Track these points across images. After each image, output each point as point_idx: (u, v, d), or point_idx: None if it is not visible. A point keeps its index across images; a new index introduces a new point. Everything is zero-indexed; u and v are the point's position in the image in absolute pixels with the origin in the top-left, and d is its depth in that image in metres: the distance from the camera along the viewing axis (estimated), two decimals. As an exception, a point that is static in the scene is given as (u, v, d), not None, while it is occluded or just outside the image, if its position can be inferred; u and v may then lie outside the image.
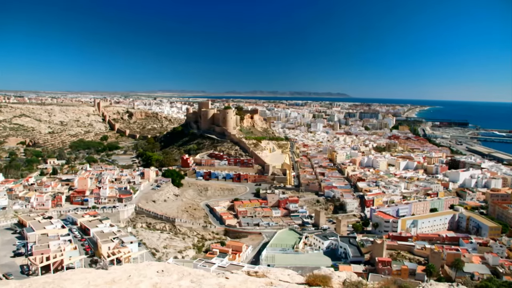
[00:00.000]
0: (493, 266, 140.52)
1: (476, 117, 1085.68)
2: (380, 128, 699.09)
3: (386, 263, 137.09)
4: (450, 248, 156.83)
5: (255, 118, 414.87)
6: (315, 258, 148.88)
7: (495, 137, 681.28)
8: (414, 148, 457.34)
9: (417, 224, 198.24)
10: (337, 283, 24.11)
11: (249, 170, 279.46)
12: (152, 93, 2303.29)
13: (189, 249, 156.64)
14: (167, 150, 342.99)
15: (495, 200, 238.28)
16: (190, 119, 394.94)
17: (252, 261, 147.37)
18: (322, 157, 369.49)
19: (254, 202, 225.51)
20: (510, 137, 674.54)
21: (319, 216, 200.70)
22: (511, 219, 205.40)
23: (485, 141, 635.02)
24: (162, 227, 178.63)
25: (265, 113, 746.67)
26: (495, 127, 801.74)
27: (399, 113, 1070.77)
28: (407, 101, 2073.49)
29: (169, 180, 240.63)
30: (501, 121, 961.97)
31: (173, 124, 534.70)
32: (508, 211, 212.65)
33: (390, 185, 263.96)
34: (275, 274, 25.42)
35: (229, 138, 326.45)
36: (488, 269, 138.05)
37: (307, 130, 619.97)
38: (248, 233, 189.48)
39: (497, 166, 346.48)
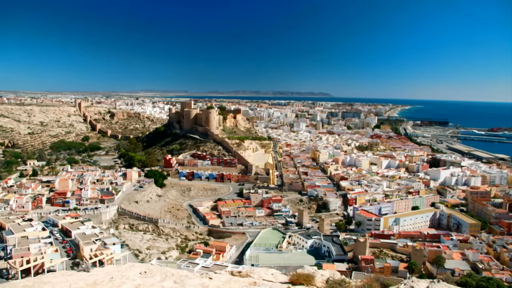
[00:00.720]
0: (473, 262, 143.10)
1: (456, 116, 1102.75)
2: (362, 127, 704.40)
3: (369, 261, 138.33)
4: (432, 245, 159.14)
5: (238, 118, 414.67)
6: (298, 257, 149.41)
7: (474, 135, 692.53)
8: (395, 147, 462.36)
9: (399, 222, 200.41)
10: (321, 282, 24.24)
11: (232, 170, 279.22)
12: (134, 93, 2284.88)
13: (172, 249, 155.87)
14: (150, 151, 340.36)
15: (474, 197, 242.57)
16: (173, 119, 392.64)
17: (236, 261, 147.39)
18: (305, 157, 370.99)
19: (237, 202, 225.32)
20: (489, 136, 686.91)
21: (303, 215, 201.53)
22: (490, 216, 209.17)
23: (465, 139, 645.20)
24: (145, 228, 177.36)
25: (248, 113, 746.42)
26: (475, 126, 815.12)
27: (381, 113, 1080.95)
28: (388, 100, 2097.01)
29: (151, 181, 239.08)
30: (480, 120, 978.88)
31: (156, 124, 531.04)
32: (487, 208, 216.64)
33: (373, 183, 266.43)
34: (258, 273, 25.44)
35: (212, 138, 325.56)
36: (468, 265, 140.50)
37: (290, 129, 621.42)
38: (232, 233, 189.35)
39: (477, 164, 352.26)
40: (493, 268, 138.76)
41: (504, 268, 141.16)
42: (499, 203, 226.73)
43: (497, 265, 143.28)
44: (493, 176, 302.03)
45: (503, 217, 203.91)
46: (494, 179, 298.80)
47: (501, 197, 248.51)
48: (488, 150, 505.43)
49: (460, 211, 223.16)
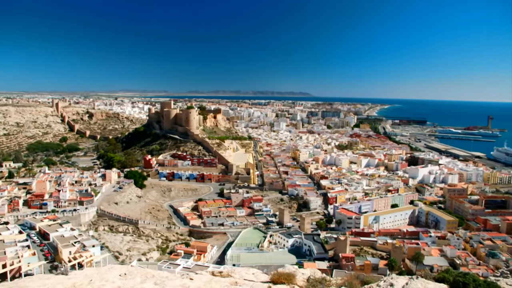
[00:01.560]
0: (451, 258, 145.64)
1: (434, 115, 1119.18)
2: (342, 126, 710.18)
3: (349, 259, 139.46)
4: (411, 242, 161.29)
5: (218, 118, 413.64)
6: (280, 256, 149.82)
7: (451, 134, 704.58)
8: (375, 145, 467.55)
9: (379, 220, 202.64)
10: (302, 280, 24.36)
11: (212, 170, 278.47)
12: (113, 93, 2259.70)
13: (153, 251, 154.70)
14: (129, 151, 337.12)
15: (452, 194, 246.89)
16: (153, 119, 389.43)
17: (218, 261, 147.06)
18: (285, 156, 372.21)
19: (218, 202, 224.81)
20: (466, 134, 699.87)
21: (283, 215, 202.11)
22: (467, 213, 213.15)
23: (442, 138, 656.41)
24: (125, 230, 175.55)
25: (228, 112, 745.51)
26: (452, 124, 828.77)
27: (360, 112, 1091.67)
28: (367, 99, 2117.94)
29: (131, 182, 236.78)
30: (457, 119, 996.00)
31: (135, 124, 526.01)
32: (464, 205, 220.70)
33: (352, 182, 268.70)
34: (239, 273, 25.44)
35: (192, 138, 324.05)
36: (446, 261, 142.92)
37: (270, 129, 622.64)
38: (213, 233, 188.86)
39: (454, 162, 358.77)
40: (470, 263, 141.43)
41: (481, 263, 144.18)
42: (476, 200, 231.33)
43: (474, 260, 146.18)
44: (469, 173, 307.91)
45: (479, 214, 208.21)
46: (470, 176, 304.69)
47: (477, 194, 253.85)
48: (465, 148, 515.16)
49: (438, 208, 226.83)
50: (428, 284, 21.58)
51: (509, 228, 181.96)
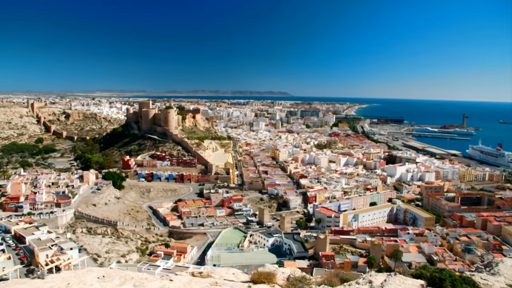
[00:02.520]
0: (428, 255, 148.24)
1: (411, 114, 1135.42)
2: (321, 125, 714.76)
3: (329, 257, 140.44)
4: (389, 240, 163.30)
5: (197, 118, 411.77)
6: (260, 256, 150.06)
7: (428, 132, 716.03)
8: (353, 144, 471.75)
9: (358, 218, 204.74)
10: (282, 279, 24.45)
11: (192, 170, 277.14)
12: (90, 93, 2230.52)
13: (132, 252, 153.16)
14: (107, 152, 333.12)
15: (429, 192, 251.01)
16: (131, 119, 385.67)
17: (198, 262, 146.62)
18: (265, 156, 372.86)
19: (198, 202, 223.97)
20: (442, 133, 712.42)
21: (263, 214, 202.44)
22: (443, 210, 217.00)
23: (419, 136, 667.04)
24: (104, 231, 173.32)
25: (207, 112, 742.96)
26: (428, 123, 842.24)
27: (339, 111, 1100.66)
28: (346, 99, 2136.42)
29: (109, 183, 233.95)
30: (433, 118, 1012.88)
31: (113, 125, 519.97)
32: (441, 202, 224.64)
33: (332, 181, 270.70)
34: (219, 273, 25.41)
35: (171, 138, 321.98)
36: (424, 258, 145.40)
37: (249, 129, 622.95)
38: (193, 233, 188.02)
39: (430, 160, 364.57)
40: (447, 259, 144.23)
41: (457, 258, 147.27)
42: (452, 197, 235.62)
43: (451, 256, 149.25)
44: (446, 171, 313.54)
45: (456, 211, 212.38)
46: (447, 174, 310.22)
47: (454, 191, 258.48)
48: (441, 146, 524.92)
49: (415, 206, 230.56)
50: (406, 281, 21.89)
51: (484, 224, 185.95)
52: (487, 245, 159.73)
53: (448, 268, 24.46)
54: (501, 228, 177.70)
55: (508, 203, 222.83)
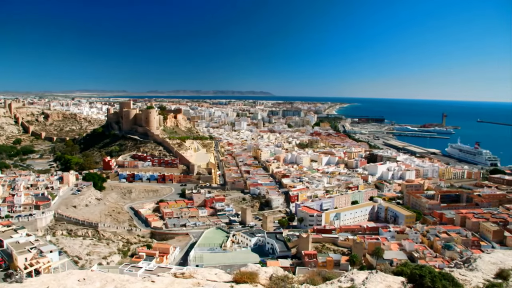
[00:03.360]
0: (409, 252, 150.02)
1: (391, 113, 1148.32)
2: (302, 125, 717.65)
3: (312, 256, 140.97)
4: (371, 238, 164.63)
5: (178, 118, 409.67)
6: (243, 256, 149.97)
7: (408, 131, 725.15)
8: (335, 143, 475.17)
9: (340, 216, 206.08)
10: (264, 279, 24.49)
11: (174, 171, 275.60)
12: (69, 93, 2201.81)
13: (114, 254, 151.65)
14: (88, 153, 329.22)
15: (409, 190, 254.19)
16: (111, 119, 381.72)
17: (180, 263, 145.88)
18: (246, 155, 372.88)
19: (180, 202, 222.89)
20: (422, 132, 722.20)
21: (246, 214, 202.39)
22: (424, 207, 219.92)
23: (400, 135, 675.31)
24: (85, 233, 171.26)
25: (189, 112, 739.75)
26: (408, 122, 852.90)
27: (320, 111, 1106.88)
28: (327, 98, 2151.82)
29: (90, 184, 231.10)
30: (413, 117, 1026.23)
31: (93, 125, 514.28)
32: (421, 200, 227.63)
33: (314, 180, 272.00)
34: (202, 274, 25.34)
35: (152, 138, 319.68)
36: (405, 255, 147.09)
37: (231, 128, 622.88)
38: (175, 234, 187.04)
39: (411, 159, 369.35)
40: (427, 256, 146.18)
41: (437, 255, 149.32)
42: (432, 195, 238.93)
43: (431, 253, 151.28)
44: (425, 169, 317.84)
45: (435, 208, 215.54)
46: (426, 172, 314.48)
47: (433, 189, 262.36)
48: (421, 145, 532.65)
49: (396, 204, 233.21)
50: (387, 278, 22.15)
51: (462, 221, 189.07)
52: (466, 242, 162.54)
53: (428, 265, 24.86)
54: (479, 224, 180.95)
55: (486, 200, 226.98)
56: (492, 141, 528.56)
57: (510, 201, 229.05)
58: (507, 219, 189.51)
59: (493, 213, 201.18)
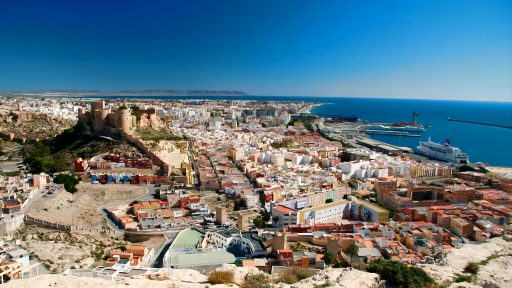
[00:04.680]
0: (383, 248, 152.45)
1: (364, 112, 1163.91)
2: (276, 124, 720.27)
3: (287, 255, 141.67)
4: (345, 235, 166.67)
5: (152, 118, 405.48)
6: (218, 256, 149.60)
7: (380, 130, 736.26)
8: (309, 143, 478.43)
9: (315, 215, 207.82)
10: (239, 279, 24.49)
11: (147, 171, 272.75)
12: (39, 93, 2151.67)
13: (87, 257, 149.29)
14: (59, 154, 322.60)
15: (382, 188, 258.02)
16: (83, 120, 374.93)
17: (155, 264, 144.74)
18: (221, 155, 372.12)
19: (154, 203, 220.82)
20: (394, 130, 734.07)
21: (221, 214, 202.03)
22: (396, 205, 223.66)
23: (372, 134, 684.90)
24: (56, 237, 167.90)
25: (162, 112, 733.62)
26: (381, 121, 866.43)
27: (294, 110, 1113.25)
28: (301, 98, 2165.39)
29: (62, 186, 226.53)
30: (385, 116, 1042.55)
31: (64, 126, 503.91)
32: (394, 197, 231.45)
33: (288, 179, 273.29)
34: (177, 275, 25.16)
35: (125, 139, 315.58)
36: (379, 252, 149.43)
37: (205, 128, 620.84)
38: (150, 235, 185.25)
39: (383, 157, 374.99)
40: (400, 252, 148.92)
41: (410, 251, 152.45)
42: (404, 192, 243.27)
43: (404, 249, 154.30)
44: (398, 167, 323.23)
45: (408, 205, 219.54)
46: (399, 170, 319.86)
47: (406, 187, 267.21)
48: (393, 143, 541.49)
49: (370, 202, 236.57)
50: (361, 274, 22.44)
51: (434, 217, 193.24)
52: (437, 237, 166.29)
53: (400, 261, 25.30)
54: (450, 220, 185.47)
55: (456, 196, 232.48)
56: (461, 139, 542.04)
57: (479, 197, 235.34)
58: (476, 215, 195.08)
59: (462, 209, 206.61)
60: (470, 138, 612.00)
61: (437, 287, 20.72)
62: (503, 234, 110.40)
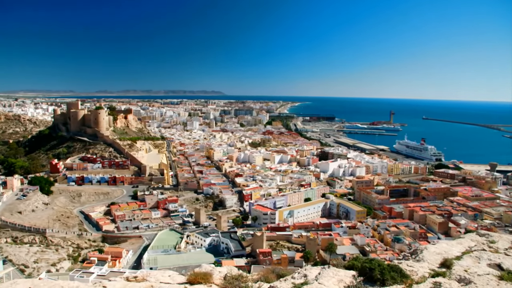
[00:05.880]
0: (361, 246, 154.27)
1: (341, 112, 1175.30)
2: (254, 124, 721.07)
3: (266, 254, 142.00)
4: (324, 234, 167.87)
5: (129, 118, 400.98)
6: (198, 256, 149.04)
7: (358, 129, 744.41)
8: (287, 142, 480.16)
9: (293, 214, 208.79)
10: (218, 279, 24.44)
11: (125, 172, 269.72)
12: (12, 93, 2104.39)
13: (63, 260, 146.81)
14: (33, 156, 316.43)
15: (360, 186, 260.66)
16: (58, 121, 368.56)
17: (134, 266, 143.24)
18: (199, 155, 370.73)
19: (132, 204, 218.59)
20: (371, 129, 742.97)
21: (199, 214, 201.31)
22: (374, 203, 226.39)
23: (350, 133, 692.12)
24: (31, 240, 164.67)
25: (140, 112, 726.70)
26: (358, 120, 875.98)
27: (272, 109, 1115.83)
28: (279, 97, 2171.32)
29: (36, 188, 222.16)
30: (362, 115, 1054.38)
31: (39, 127, 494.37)
32: (371, 195, 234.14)
33: (267, 178, 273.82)
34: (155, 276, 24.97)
35: (102, 139, 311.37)
36: (357, 249, 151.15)
37: (183, 128, 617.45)
38: (128, 237, 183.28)
39: (361, 156, 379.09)
40: (378, 249, 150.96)
41: (387, 248, 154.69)
42: (381, 190, 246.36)
43: (382, 246, 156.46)
44: (375, 166, 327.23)
45: (385, 203, 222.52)
46: (376, 168, 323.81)
47: (383, 185, 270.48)
48: (370, 142, 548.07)
49: (348, 200, 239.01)
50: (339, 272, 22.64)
51: (411, 215, 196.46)
52: (414, 234, 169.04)
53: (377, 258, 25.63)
54: (426, 217, 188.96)
55: (431, 193, 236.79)
56: (437, 137, 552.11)
57: (454, 194, 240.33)
58: (451, 211, 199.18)
59: (438, 205, 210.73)
60: (445, 137, 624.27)
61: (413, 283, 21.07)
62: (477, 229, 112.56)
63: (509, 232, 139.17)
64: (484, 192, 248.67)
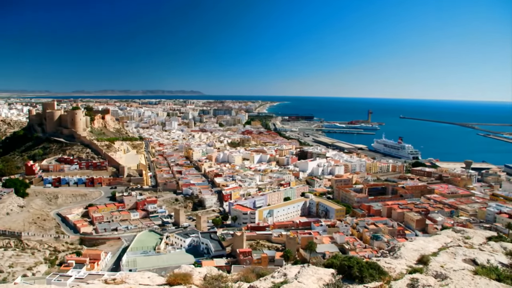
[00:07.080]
0: (340, 244, 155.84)
1: (320, 111, 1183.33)
2: (234, 124, 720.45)
3: (246, 254, 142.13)
4: (304, 233, 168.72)
5: (106, 119, 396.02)
6: (177, 257, 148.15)
7: (336, 128, 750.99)
8: (266, 141, 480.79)
9: (273, 213, 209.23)
10: (198, 279, 24.38)
11: (103, 173, 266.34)
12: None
13: (40, 264, 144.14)
14: (8, 157, 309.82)
15: (339, 185, 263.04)
16: (34, 121, 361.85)
17: (113, 268, 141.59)
18: (178, 156, 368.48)
19: (110, 206, 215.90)
20: (349, 128, 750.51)
21: (179, 215, 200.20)
22: (353, 201, 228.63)
23: (329, 132, 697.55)
24: (6, 244, 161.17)
25: (118, 113, 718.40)
26: (336, 119, 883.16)
27: (251, 109, 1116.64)
28: (258, 97, 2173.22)
29: (11, 191, 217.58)
30: (341, 114, 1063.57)
31: (14, 128, 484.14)
32: (350, 194, 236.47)
33: (246, 178, 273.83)
34: (134, 278, 24.76)
35: (79, 140, 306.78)
36: (336, 247, 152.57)
37: (162, 129, 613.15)
38: (106, 239, 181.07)
39: (339, 155, 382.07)
40: (357, 247, 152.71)
41: (366, 246, 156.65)
42: (360, 189, 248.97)
43: (361, 244, 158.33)
44: (353, 164, 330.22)
45: (364, 201, 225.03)
46: (354, 167, 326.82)
47: (361, 183, 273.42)
48: (349, 141, 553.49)
49: (327, 199, 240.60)
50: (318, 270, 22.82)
51: (389, 212, 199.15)
52: (392, 231, 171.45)
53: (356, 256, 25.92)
54: (404, 214, 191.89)
55: (409, 191, 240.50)
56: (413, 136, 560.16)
57: (431, 191, 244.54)
58: (428, 208, 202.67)
59: (415, 203, 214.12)
60: (422, 135, 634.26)
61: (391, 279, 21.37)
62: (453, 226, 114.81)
63: (483, 228, 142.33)
64: (460, 189, 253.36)
